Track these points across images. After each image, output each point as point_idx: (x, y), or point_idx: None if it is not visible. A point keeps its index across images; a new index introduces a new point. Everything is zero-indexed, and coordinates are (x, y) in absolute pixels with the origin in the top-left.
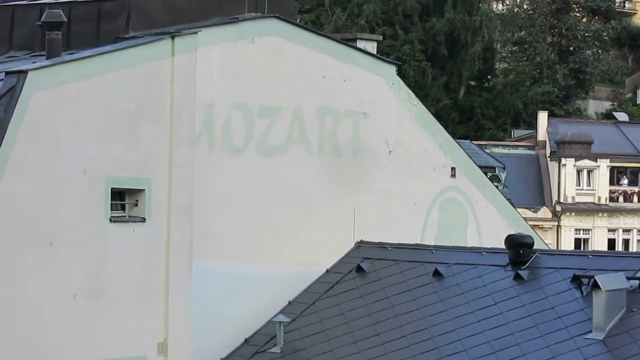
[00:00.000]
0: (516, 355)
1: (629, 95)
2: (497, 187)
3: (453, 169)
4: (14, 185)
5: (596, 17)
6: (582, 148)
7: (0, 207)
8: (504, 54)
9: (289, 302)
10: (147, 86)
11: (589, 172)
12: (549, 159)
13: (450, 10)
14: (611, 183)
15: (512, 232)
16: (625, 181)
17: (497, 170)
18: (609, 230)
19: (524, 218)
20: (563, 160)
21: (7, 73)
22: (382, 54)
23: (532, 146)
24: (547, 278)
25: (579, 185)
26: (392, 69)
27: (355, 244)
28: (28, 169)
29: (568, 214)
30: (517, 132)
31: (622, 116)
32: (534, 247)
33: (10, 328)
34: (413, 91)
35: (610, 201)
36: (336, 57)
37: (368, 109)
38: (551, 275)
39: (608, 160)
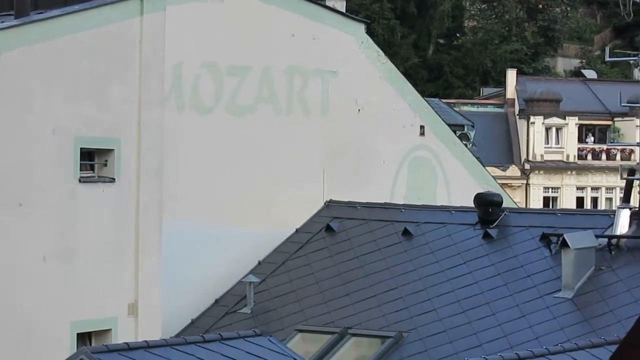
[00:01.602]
0: (486, 314)
1: (598, 52)
2: (466, 145)
3: (422, 127)
4: None
5: None
6: (550, 106)
7: None
8: (472, 12)
9: (259, 262)
10: (116, 46)
11: (557, 130)
12: (517, 117)
13: None
14: (580, 141)
15: (481, 191)
16: (591, 139)
17: (465, 128)
18: (577, 189)
19: (492, 176)
20: (532, 118)
21: None
22: (351, 13)
23: (501, 104)
24: (516, 237)
25: (548, 144)
26: (361, 28)
27: (325, 203)
28: None
29: (537, 172)
30: (486, 90)
31: (590, 74)
32: (503, 206)
33: None
34: (382, 50)
35: (578, 159)
36: (305, 16)
37: (337, 68)
38: (520, 234)
39: (577, 118)
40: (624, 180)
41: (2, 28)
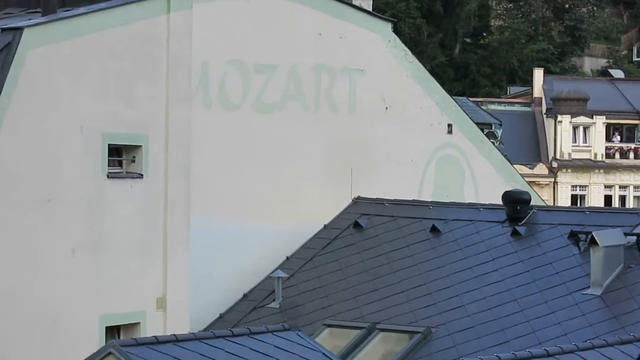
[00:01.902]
0: (514, 311)
1: (625, 52)
2: (493, 143)
3: (450, 125)
4: (12, 143)
5: None
6: (577, 105)
7: None
8: (499, 11)
9: (287, 258)
10: (143, 44)
11: (584, 128)
12: (544, 115)
13: None
14: (607, 140)
15: (509, 189)
16: (618, 137)
17: (493, 126)
18: (605, 187)
19: (520, 174)
20: (559, 117)
21: (2, 30)
22: (378, 11)
23: (528, 103)
24: (544, 234)
25: (575, 142)
26: (388, 26)
27: (353, 200)
28: (25, 126)
29: (564, 170)
30: (512, 89)
31: (617, 73)
32: (531, 204)
33: (11, 284)
34: (409, 48)
35: (606, 158)
36: (332, 14)
37: (364, 66)
38: (548, 232)
39: (604, 117)
40: None
41: (29, 25)
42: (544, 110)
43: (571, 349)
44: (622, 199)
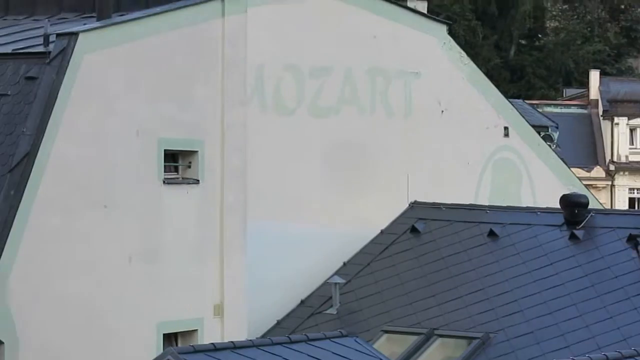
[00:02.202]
0: (573, 315)
1: None
2: (550, 146)
3: (506, 128)
4: (68, 147)
5: None
6: (635, 107)
7: (54, 170)
8: (554, 13)
9: (344, 264)
10: (198, 48)
11: None
12: (601, 117)
13: None
14: None
15: (566, 192)
16: None
17: (549, 129)
18: None
19: (577, 177)
20: (616, 119)
21: (58, 35)
22: (432, 14)
23: (585, 105)
24: (602, 238)
25: (632, 144)
26: (443, 28)
27: (409, 205)
28: (81, 131)
29: (622, 173)
30: (569, 91)
31: None
32: (589, 207)
33: (68, 291)
34: (464, 50)
35: None
36: (387, 17)
37: (419, 69)
38: (607, 235)
39: None
40: None
41: (85, 30)
42: (600, 112)
43: (631, 354)
44: None
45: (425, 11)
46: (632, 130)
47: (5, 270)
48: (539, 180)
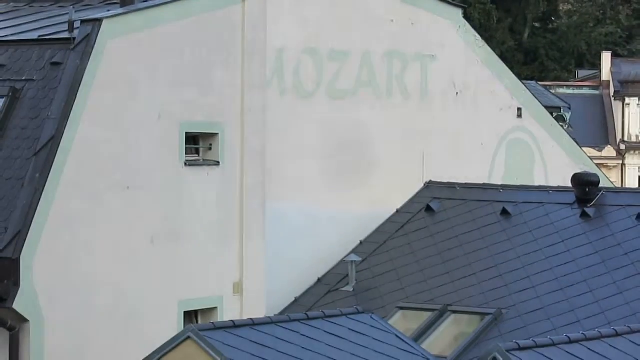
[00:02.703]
0: (583, 291)
1: None
2: (562, 127)
3: (519, 109)
4: (92, 131)
5: None
6: None
7: (78, 153)
8: None
9: (360, 242)
10: (219, 32)
11: None
12: (612, 98)
13: None
14: None
15: (578, 171)
16: None
17: (562, 110)
18: None
19: (589, 157)
20: (627, 100)
21: (82, 21)
22: None
23: (596, 86)
24: (613, 215)
25: None
26: (459, 12)
27: (425, 184)
28: (104, 114)
29: (632, 152)
30: (581, 73)
31: None
32: (600, 186)
33: (92, 271)
34: (479, 33)
35: None
36: (403, 1)
37: (435, 52)
38: (617, 213)
39: None
40: None
41: (108, 16)
42: (612, 93)
43: (639, 329)
44: None
45: None
46: None
47: (31, 252)
48: (552, 160)
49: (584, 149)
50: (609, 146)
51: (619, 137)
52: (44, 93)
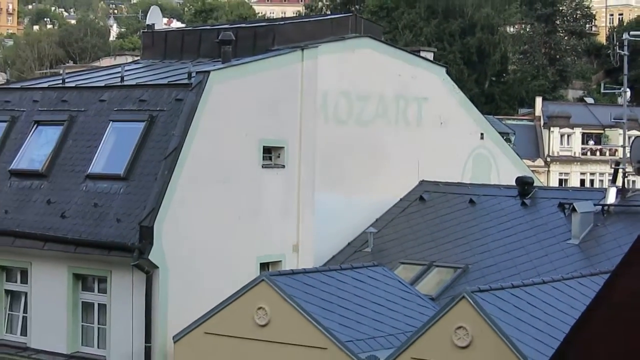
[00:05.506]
0: (522, 254)
1: (594, 86)
2: (509, 145)
3: (482, 134)
4: (201, 144)
5: (573, 36)
6: (564, 120)
7: (192, 158)
8: (514, 60)
9: (376, 220)
10: (286, 80)
11: (568, 136)
12: (542, 127)
13: (479, 32)
14: (583, 143)
15: (520, 175)
16: (592, 142)
17: (509, 134)
18: (581, 174)
19: (527, 166)
20: (552, 129)
21: (197, 72)
22: (436, 60)
23: (532, 119)
24: (542, 204)
25: (562, 144)
26: (443, 70)
27: (419, 182)
28: (210, 133)
29: (554, 163)
30: (522, 110)
31: (590, 100)
32: (534, 185)
33: (200, 238)
34: (456, 84)
35: (582, 155)
36: (407, 62)
37: (427, 95)
38: (545, 203)
39: (581, 128)
40: (613, 169)
41: (214, 69)
42: (542, 124)
43: (558, 279)
44: (591, 182)
45: (431, 58)
46: (562, 135)
47: (160, 223)
48: (503, 167)
49: (523, 160)
50: (539, 158)
51: (546, 152)
52: (171, 119)
